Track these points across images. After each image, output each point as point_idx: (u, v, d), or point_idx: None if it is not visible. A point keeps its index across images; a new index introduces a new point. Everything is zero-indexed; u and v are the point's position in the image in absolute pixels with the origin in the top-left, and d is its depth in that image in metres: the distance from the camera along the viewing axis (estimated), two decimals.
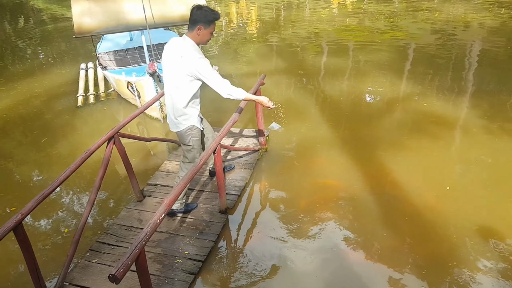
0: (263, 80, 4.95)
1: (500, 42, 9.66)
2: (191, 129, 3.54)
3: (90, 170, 4.97)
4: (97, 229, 4.08)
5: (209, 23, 3.28)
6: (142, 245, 2.34)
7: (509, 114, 5.87)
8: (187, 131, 3.54)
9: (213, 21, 3.31)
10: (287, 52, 10.15)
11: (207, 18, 3.25)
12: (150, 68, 5.63)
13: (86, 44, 11.41)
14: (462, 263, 3.29)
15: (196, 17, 3.24)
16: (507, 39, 9.82)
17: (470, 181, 4.37)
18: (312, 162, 4.87)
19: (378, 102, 6.71)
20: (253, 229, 3.87)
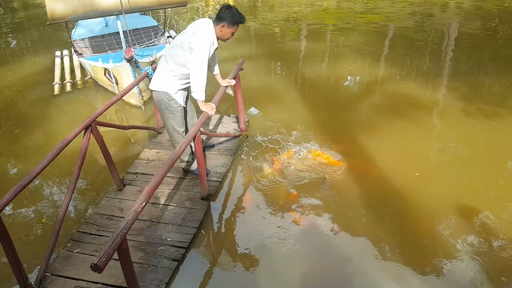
0: (242, 66, 4.93)
1: (477, 23, 9.83)
2: (166, 96, 3.67)
3: (68, 160, 4.88)
4: (78, 219, 4.03)
5: (233, 24, 3.53)
6: (124, 233, 2.34)
7: (486, 96, 6.03)
8: (161, 96, 3.68)
9: (238, 23, 3.56)
10: (265, 36, 10.09)
11: (233, 19, 3.51)
12: (127, 53, 5.51)
13: (60, 31, 11.09)
14: (437, 243, 3.41)
15: (223, 15, 3.49)
16: (483, 21, 10.00)
17: (447, 162, 4.49)
18: (292, 147, 4.90)
19: (357, 85, 6.78)
20: (235, 215, 3.89)
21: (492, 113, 5.43)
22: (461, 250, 3.32)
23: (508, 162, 4.40)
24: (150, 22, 8.37)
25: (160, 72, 3.70)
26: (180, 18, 12.50)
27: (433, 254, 3.30)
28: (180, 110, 3.83)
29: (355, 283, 3.11)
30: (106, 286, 3.08)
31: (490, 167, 4.33)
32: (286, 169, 4.45)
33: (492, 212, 3.67)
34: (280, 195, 4.08)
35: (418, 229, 3.57)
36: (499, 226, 3.52)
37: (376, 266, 3.24)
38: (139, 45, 7.15)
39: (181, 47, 3.51)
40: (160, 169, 2.92)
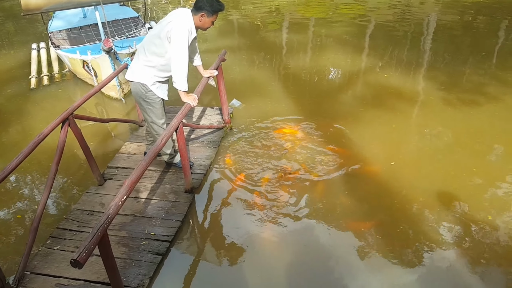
0: (224, 56, 4.86)
1: (455, 14, 9.96)
2: (143, 87, 3.60)
3: (46, 155, 4.73)
4: (58, 216, 3.92)
5: (213, 12, 3.44)
6: (104, 228, 2.27)
7: (465, 85, 6.11)
8: (138, 87, 3.62)
9: (217, 12, 3.47)
10: (248, 28, 10.01)
11: (212, 8, 3.42)
12: (105, 44, 5.35)
13: (36, 23, 10.77)
14: (415, 230, 3.44)
15: (202, 4, 3.40)
16: (461, 12, 10.14)
17: (425, 151, 4.53)
18: (276, 138, 4.87)
19: (340, 76, 6.78)
20: (220, 207, 3.85)
21: (470, 101, 5.52)
22: (438, 236, 3.36)
23: (483, 149, 4.47)
24: (130, 13, 8.18)
25: (137, 63, 3.60)
26: (160, 9, 12.29)
27: (412, 241, 3.33)
28: (158, 102, 3.74)
29: (338, 272, 3.11)
30: (88, 283, 3.00)
31: (465, 154, 4.40)
32: (270, 160, 4.42)
33: (466, 198, 3.73)
34: (264, 187, 4.04)
35: (395, 216, 3.60)
36: (473, 212, 3.59)
37: (355, 254, 3.25)
38: (118, 37, 6.98)
39: (158, 37, 3.42)
40: (141, 162, 2.84)
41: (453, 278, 3.02)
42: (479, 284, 2.95)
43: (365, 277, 3.05)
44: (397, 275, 3.06)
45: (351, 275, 3.07)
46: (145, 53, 3.52)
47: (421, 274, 3.06)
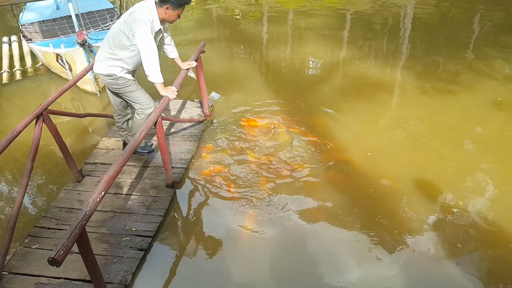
0: (204, 48, 4.80)
1: (431, 5, 10.11)
2: (112, 77, 3.56)
3: (21, 153, 4.61)
4: (35, 214, 3.84)
5: (178, 6, 3.38)
6: (83, 225, 2.23)
7: (440, 74, 6.23)
8: (107, 79, 3.59)
9: (183, 5, 3.41)
10: (227, 19, 9.92)
11: (177, 2, 3.35)
12: (79, 37, 5.20)
13: (5, 15, 10.37)
14: (392, 219, 3.51)
15: None
16: (437, 2, 10.29)
17: (403, 140, 4.61)
18: (257, 130, 4.86)
19: (319, 67, 6.81)
20: (202, 202, 3.82)
21: (445, 90, 5.63)
22: (415, 223, 3.44)
23: (457, 138, 4.57)
24: (105, 5, 7.97)
25: (103, 55, 3.54)
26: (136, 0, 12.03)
27: (389, 230, 3.39)
28: (133, 84, 3.68)
29: (317, 262, 3.15)
30: (69, 281, 2.95)
31: (439, 143, 4.49)
32: (252, 152, 4.41)
33: (440, 186, 3.82)
34: (247, 180, 4.03)
35: (372, 205, 3.66)
36: (448, 199, 3.68)
37: (335, 243, 3.30)
38: (93, 29, 6.81)
39: (120, 30, 3.38)
40: (119, 157, 2.79)
41: (431, 263, 3.10)
42: (457, 268, 3.04)
43: (344, 266, 3.10)
44: (376, 263, 3.12)
45: (330, 265, 3.11)
46: (110, 46, 3.47)
47: (400, 261, 3.13)
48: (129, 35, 3.35)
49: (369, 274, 3.02)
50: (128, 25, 3.32)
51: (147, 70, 3.43)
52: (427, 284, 2.96)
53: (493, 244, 3.23)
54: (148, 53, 3.35)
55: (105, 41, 3.53)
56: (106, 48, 3.50)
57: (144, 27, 3.27)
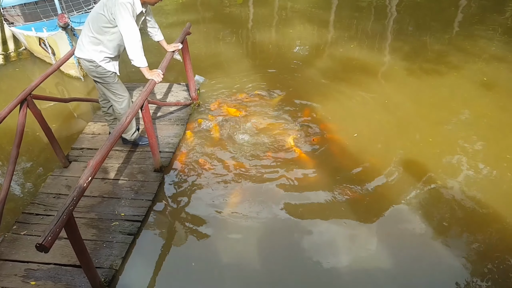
0: (189, 30, 4.73)
1: None
2: (92, 64, 3.50)
3: (6, 139, 4.55)
4: (23, 201, 3.81)
5: None
6: (70, 210, 2.23)
7: (427, 55, 6.25)
8: (87, 64, 3.52)
9: None
10: (211, 0, 9.76)
11: None
12: (60, 20, 5.08)
13: None
14: (378, 199, 3.58)
15: None
16: None
17: (389, 121, 4.63)
18: (244, 114, 4.86)
19: (306, 49, 6.77)
20: (190, 185, 3.83)
21: (432, 70, 5.67)
22: (402, 203, 3.52)
23: (442, 118, 4.63)
24: None
25: (84, 39, 3.46)
26: None
27: (376, 209, 3.47)
28: (111, 76, 3.63)
29: (307, 243, 3.21)
30: (59, 266, 2.97)
31: (425, 124, 4.54)
32: (239, 136, 4.42)
33: (424, 166, 3.90)
34: (234, 163, 4.05)
35: (359, 185, 3.72)
36: (431, 178, 3.76)
37: (325, 223, 3.37)
38: (76, 11, 6.64)
39: (101, 13, 3.31)
40: (106, 142, 2.78)
41: (417, 239, 3.19)
42: (443, 244, 3.14)
43: (331, 245, 3.17)
44: (364, 242, 3.19)
45: (320, 245, 3.18)
46: (91, 29, 3.40)
47: (386, 239, 3.20)
48: (110, 18, 3.28)
49: (356, 256, 3.09)
50: (108, 8, 3.25)
51: (130, 54, 3.39)
52: (414, 263, 3.05)
53: (480, 222, 3.32)
54: (130, 37, 3.30)
55: (85, 25, 3.46)
56: (87, 31, 3.43)
57: (125, 10, 3.21)
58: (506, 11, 8.00)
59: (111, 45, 3.46)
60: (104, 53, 3.48)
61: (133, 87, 5.37)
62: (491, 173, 3.82)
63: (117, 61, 3.70)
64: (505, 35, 6.75)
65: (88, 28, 3.42)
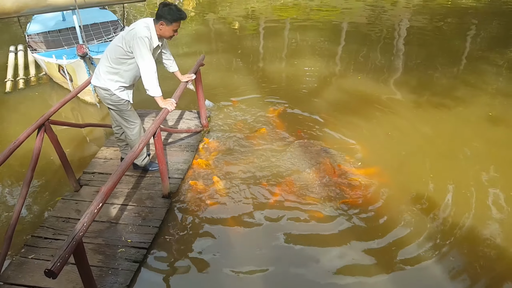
0: (203, 61, 4.89)
1: (425, 19, 10.28)
2: (107, 92, 3.63)
3: (21, 161, 4.64)
4: (33, 224, 3.86)
5: (172, 21, 3.44)
6: (80, 236, 2.27)
7: (434, 88, 6.32)
8: (102, 92, 3.66)
9: (177, 20, 3.47)
10: (225, 31, 10.06)
11: (171, 17, 3.42)
12: (79, 50, 5.32)
13: (15, 26, 10.47)
14: (387, 228, 3.60)
15: (161, 13, 3.42)
16: (430, 16, 10.47)
17: (396, 153, 4.66)
18: (254, 141, 4.92)
19: (314, 80, 6.87)
20: (198, 213, 3.86)
21: (440, 104, 5.73)
22: (410, 234, 3.51)
23: (451, 151, 4.66)
24: (110, 17, 8.08)
25: (101, 68, 3.62)
26: (138, 12, 12.19)
27: (380, 235, 3.51)
28: (125, 104, 3.75)
29: (311, 266, 3.20)
30: None
31: (433, 156, 4.57)
32: (248, 163, 4.47)
33: (430, 197, 3.93)
34: (244, 190, 4.08)
35: (367, 216, 3.74)
36: (438, 210, 3.79)
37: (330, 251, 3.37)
38: (97, 40, 6.91)
39: (119, 45, 3.47)
40: (118, 168, 2.85)
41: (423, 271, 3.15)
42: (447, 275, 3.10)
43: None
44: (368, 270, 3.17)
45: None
46: (109, 60, 3.55)
47: (392, 271, 3.18)
48: (127, 50, 3.44)
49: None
50: (126, 41, 3.41)
51: (146, 85, 3.52)
52: None
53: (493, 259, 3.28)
54: (146, 69, 3.44)
55: (104, 55, 3.63)
56: (105, 62, 3.59)
57: (143, 44, 3.36)
58: None
59: (127, 75, 3.60)
60: (119, 82, 3.62)
61: (146, 113, 5.50)
62: (499, 207, 3.80)
63: (131, 90, 3.83)
64: (511, 70, 6.81)
65: (106, 59, 3.58)
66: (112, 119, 4.10)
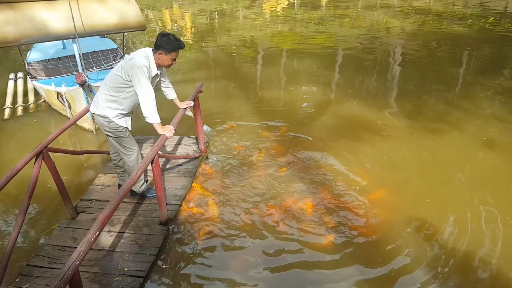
0: (201, 88, 4.96)
1: (419, 45, 10.52)
2: (105, 119, 3.67)
3: (17, 188, 4.62)
4: (28, 252, 3.81)
5: (170, 51, 3.51)
6: (76, 265, 2.25)
7: (430, 113, 6.40)
8: (100, 119, 3.70)
9: (176, 50, 3.53)
10: (223, 59, 10.24)
11: (170, 46, 3.48)
12: (77, 79, 5.41)
13: (16, 53, 10.66)
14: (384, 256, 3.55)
15: (159, 43, 3.48)
16: (424, 42, 10.72)
17: (391, 178, 4.67)
18: (252, 166, 4.94)
19: (311, 106, 6.94)
20: (195, 239, 3.83)
21: (434, 129, 5.77)
22: (406, 260, 3.47)
23: (440, 178, 4.66)
24: (110, 45, 8.25)
25: (100, 97, 3.68)
26: (137, 40, 12.42)
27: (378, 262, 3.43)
28: (123, 130, 3.79)
29: None
30: None
31: (428, 182, 4.58)
32: (245, 190, 4.47)
33: (428, 224, 3.91)
34: (241, 218, 4.07)
35: (366, 240, 3.71)
36: (434, 236, 3.77)
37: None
38: (96, 68, 7.02)
39: (118, 74, 3.54)
40: (115, 195, 2.85)
41: None
42: None
43: None
44: None
45: None
46: (108, 88, 3.62)
47: None
48: (126, 79, 3.50)
49: None
50: (125, 70, 3.48)
51: (144, 112, 3.57)
52: None
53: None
54: (145, 97, 3.49)
55: (103, 84, 3.69)
56: (104, 90, 3.65)
57: (141, 73, 3.43)
58: (506, 70, 8.27)
59: (125, 103, 3.65)
60: (118, 110, 3.67)
61: (145, 139, 5.53)
62: (495, 232, 3.79)
63: (130, 117, 3.87)
64: (504, 95, 6.94)
65: (105, 87, 3.64)
66: (110, 145, 4.12)
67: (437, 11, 14.82)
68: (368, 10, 15.55)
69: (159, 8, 18.11)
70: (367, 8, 15.94)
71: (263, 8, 17.17)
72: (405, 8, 15.57)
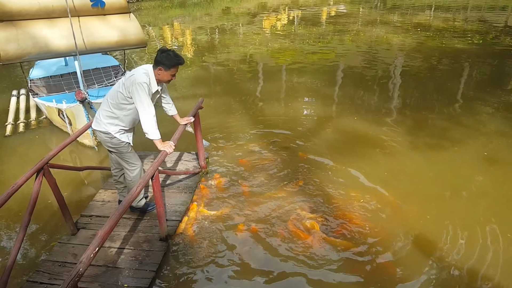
0: (202, 104, 5.01)
1: (419, 60, 10.62)
2: (107, 135, 3.72)
3: (18, 204, 4.64)
4: (28, 268, 3.81)
5: (170, 66, 3.55)
6: (75, 282, 2.26)
7: (431, 128, 6.43)
8: (102, 135, 3.75)
9: (175, 66, 3.57)
10: (223, 75, 10.35)
11: (169, 62, 3.52)
12: (77, 96, 5.47)
13: (18, 70, 10.79)
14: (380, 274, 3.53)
15: (159, 59, 3.53)
16: (424, 57, 10.83)
17: (392, 195, 4.65)
18: (253, 182, 4.95)
19: (313, 121, 7.00)
20: (196, 255, 3.82)
21: (435, 145, 5.80)
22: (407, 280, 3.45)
23: (441, 194, 4.67)
24: (111, 62, 8.35)
25: (102, 113, 3.73)
26: (138, 57, 12.56)
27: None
28: (125, 146, 3.83)
29: None
30: None
31: (429, 198, 4.57)
32: (246, 205, 4.48)
33: (427, 241, 3.91)
34: (240, 234, 4.07)
35: (364, 259, 3.69)
36: (432, 253, 3.77)
37: None
38: (98, 85, 7.10)
39: (119, 91, 3.59)
40: (115, 211, 2.86)
41: None
42: None
43: None
44: None
45: None
46: (109, 105, 3.67)
47: None
48: (127, 96, 3.55)
49: None
50: (126, 87, 3.54)
51: (145, 128, 3.61)
52: None
53: None
54: (145, 114, 3.54)
55: (104, 101, 3.75)
56: (105, 107, 3.70)
57: (142, 89, 3.48)
58: (507, 85, 8.34)
59: (126, 119, 3.70)
60: (119, 126, 3.72)
61: (145, 155, 5.56)
62: (496, 248, 3.78)
63: (132, 133, 3.91)
64: (505, 111, 6.98)
65: (106, 104, 3.69)
66: (111, 161, 4.16)
67: (437, 26, 15.01)
68: (367, 25, 15.76)
69: (160, 25, 18.36)
70: (367, 23, 16.16)
71: (263, 24, 17.40)
72: (405, 24, 15.77)
